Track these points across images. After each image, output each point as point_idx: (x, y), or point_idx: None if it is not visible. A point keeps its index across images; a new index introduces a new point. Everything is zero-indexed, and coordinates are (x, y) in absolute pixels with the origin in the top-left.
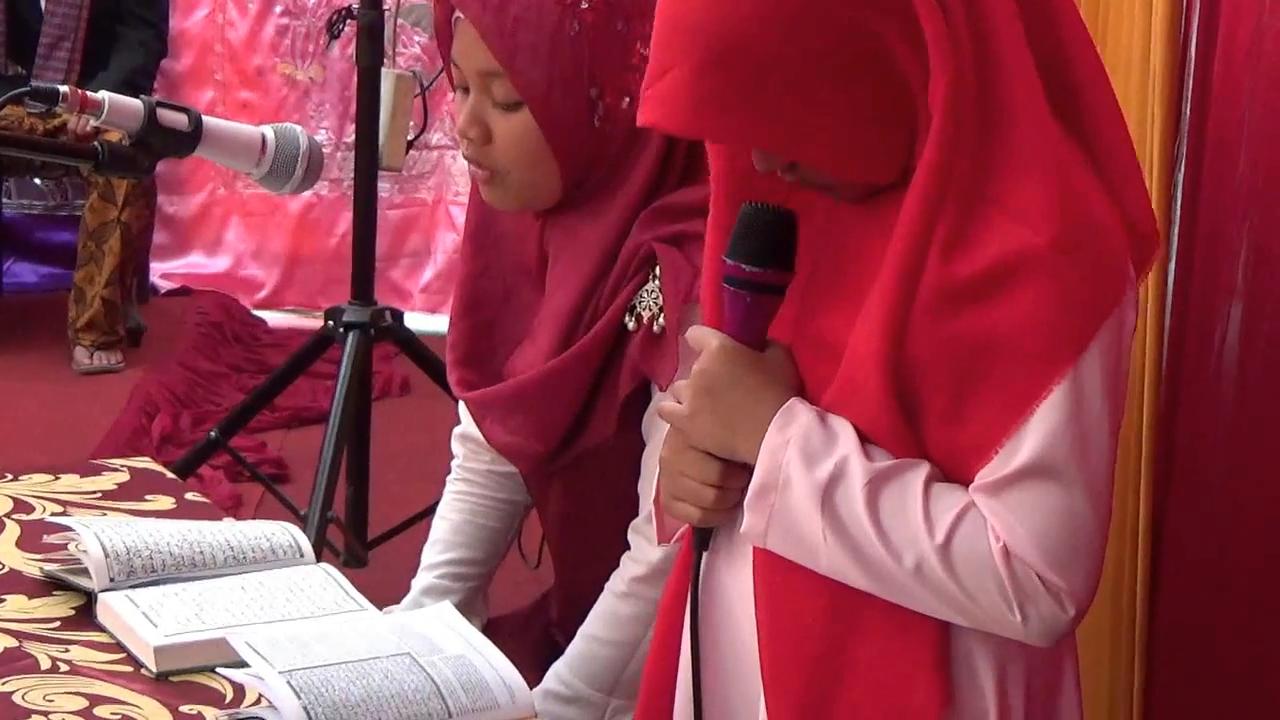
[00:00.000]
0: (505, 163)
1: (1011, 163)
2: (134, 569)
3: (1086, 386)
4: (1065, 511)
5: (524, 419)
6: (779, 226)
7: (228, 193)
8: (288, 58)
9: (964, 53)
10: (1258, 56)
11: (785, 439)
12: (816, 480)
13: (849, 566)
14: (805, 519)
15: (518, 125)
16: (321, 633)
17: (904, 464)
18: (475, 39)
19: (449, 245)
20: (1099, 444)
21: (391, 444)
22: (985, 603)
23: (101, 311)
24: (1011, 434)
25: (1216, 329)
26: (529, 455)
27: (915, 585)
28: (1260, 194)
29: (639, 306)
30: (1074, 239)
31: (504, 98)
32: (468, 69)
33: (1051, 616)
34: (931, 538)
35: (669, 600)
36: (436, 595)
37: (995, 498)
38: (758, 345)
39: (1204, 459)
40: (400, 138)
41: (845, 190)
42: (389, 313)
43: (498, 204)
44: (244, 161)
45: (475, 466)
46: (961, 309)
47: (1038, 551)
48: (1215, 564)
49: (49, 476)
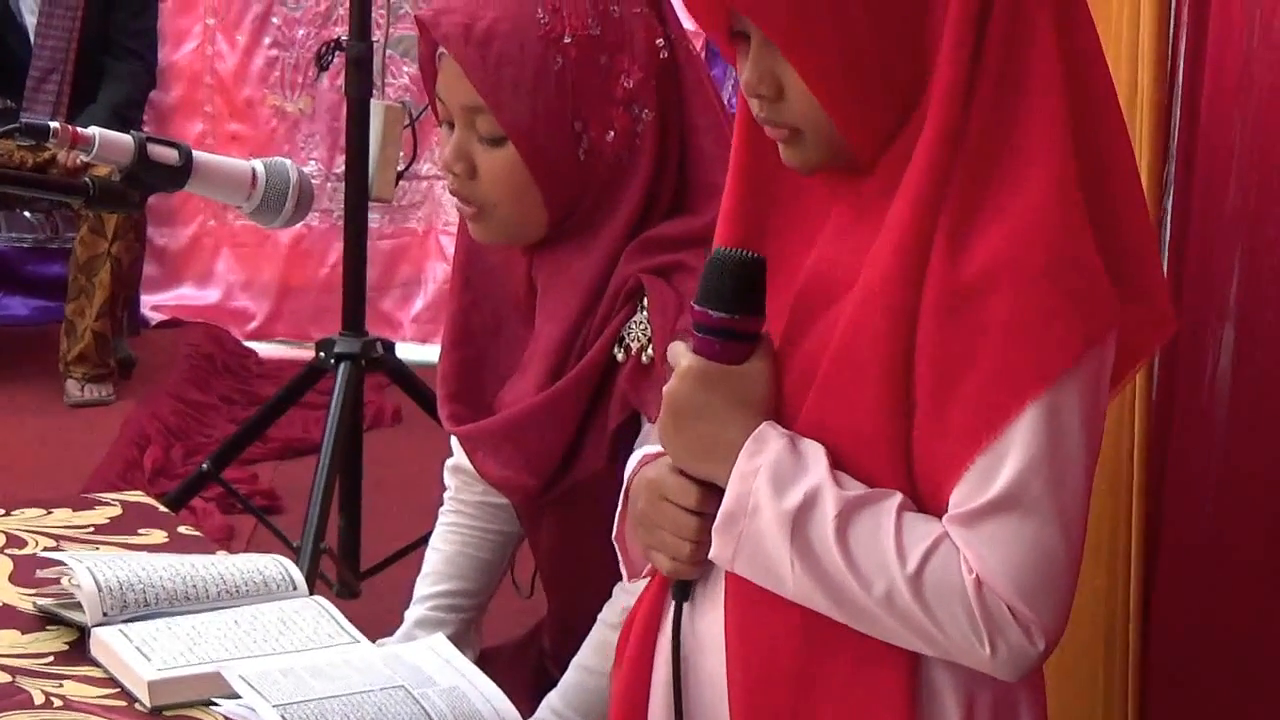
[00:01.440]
0: (491, 197)
1: (1020, 168)
2: (127, 603)
3: (1064, 415)
4: (1039, 545)
5: (515, 452)
6: (748, 272)
7: (218, 224)
8: (277, 90)
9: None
10: (1248, 82)
11: (755, 466)
12: (785, 509)
13: (816, 594)
14: (773, 547)
15: (502, 160)
16: (315, 665)
17: (876, 493)
18: (459, 74)
19: (440, 275)
20: (1075, 477)
21: (384, 475)
22: (954, 633)
23: (92, 344)
24: (981, 451)
25: (1209, 354)
26: (521, 488)
27: (884, 614)
28: (1251, 219)
29: (627, 338)
30: (1065, 264)
31: (488, 133)
32: (452, 104)
33: (1020, 649)
34: (903, 567)
35: (635, 644)
36: (430, 627)
37: (969, 528)
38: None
39: (1197, 482)
40: (390, 168)
41: (811, 145)
42: (380, 343)
43: (484, 238)
44: (234, 196)
45: (468, 498)
46: (958, 311)
47: (1010, 584)
48: (1208, 589)
49: (41, 510)
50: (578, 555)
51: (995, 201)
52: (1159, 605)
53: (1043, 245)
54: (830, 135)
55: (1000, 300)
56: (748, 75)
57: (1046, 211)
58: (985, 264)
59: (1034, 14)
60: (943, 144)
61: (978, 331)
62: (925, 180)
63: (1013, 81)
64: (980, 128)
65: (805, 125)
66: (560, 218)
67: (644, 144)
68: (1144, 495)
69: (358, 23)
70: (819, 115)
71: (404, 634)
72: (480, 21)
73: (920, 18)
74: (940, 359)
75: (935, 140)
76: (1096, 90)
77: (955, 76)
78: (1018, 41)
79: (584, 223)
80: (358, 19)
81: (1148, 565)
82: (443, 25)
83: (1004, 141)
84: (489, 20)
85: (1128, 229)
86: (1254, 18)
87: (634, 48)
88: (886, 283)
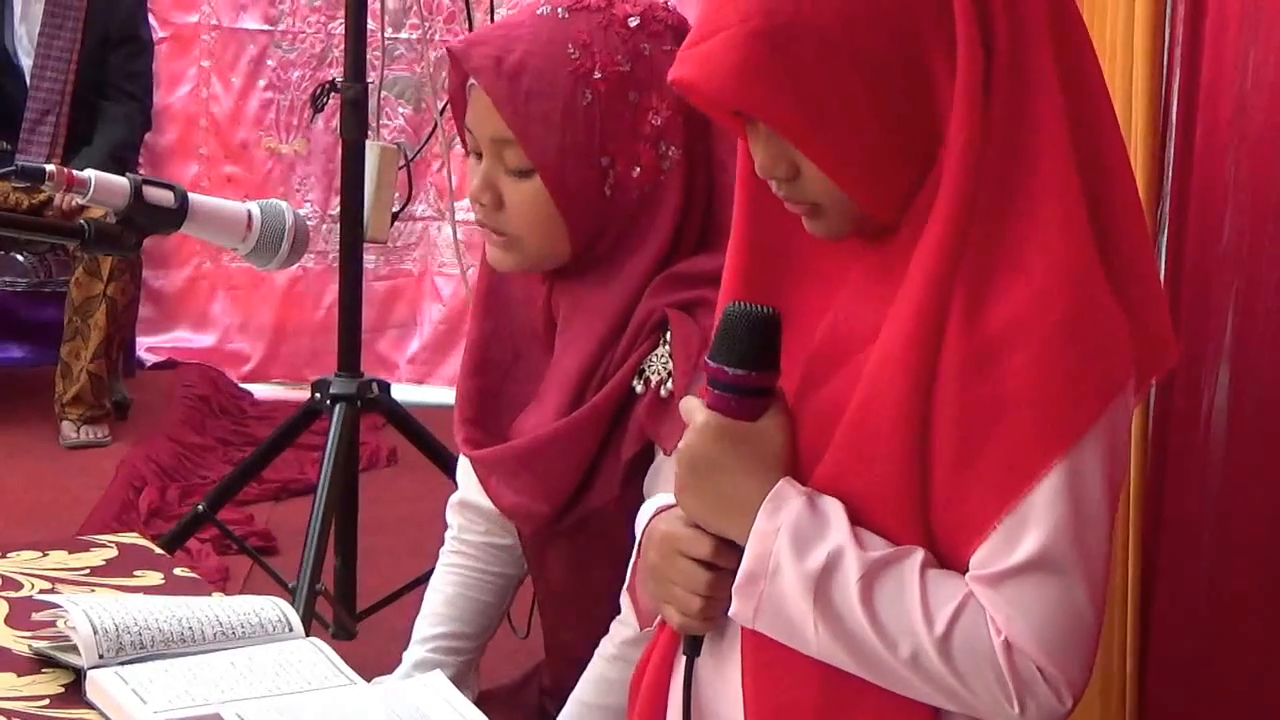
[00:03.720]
0: (517, 228)
1: (1033, 224)
2: (123, 645)
3: (1087, 472)
4: (1066, 604)
5: (531, 479)
6: (765, 328)
7: (213, 266)
8: (272, 132)
9: (997, 109)
10: (1241, 122)
11: (775, 526)
12: (808, 570)
13: (840, 654)
14: (795, 608)
15: (529, 192)
16: (312, 706)
17: (898, 552)
18: (489, 106)
19: (435, 316)
20: (1098, 532)
21: (380, 515)
22: (983, 694)
23: (88, 386)
24: (1008, 511)
25: (1204, 392)
26: (534, 516)
27: (910, 674)
28: (1245, 258)
29: (648, 370)
30: (1083, 318)
31: (516, 165)
32: (480, 135)
33: (1049, 707)
34: (930, 630)
35: (646, 697)
36: (428, 669)
37: (995, 589)
38: (749, 419)
39: (1192, 521)
40: (385, 210)
41: (832, 218)
42: (376, 384)
43: (504, 267)
44: (230, 238)
45: (470, 538)
46: (978, 371)
47: (1039, 645)
48: (1205, 636)
49: (37, 553)
50: (582, 587)
51: (1011, 258)
52: (1157, 655)
53: (1060, 300)
54: (851, 207)
55: (1020, 360)
56: (761, 159)
57: (1061, 265)
58: (1004, 323)
59: (1037, 60)
60: (961, 203)
61: (999, 392)
62: (944, 240)
63: (1021, 132)
64: (993, 185)
65: (825, 201)
66: (583, 249)
67: (671, 180)
68: (1140, 535)
69: (353, 64)
70: (837, 192)
71: (403, 675)
72: (511, 55)
73: (925, 89)
74: (962, 419)
75: (953, 201)
76: (1102, 129)
77: (970, 138)
78: (1023, 92)
79: (607, 255)
80: (353, 60)
81: (1143, 608)
82: (474, 57)
83: (1016, 197)
84: (520, 53)
85: (1130, 259)
86: (1247, 58)
87: (663, 85)
88: (906, 342)
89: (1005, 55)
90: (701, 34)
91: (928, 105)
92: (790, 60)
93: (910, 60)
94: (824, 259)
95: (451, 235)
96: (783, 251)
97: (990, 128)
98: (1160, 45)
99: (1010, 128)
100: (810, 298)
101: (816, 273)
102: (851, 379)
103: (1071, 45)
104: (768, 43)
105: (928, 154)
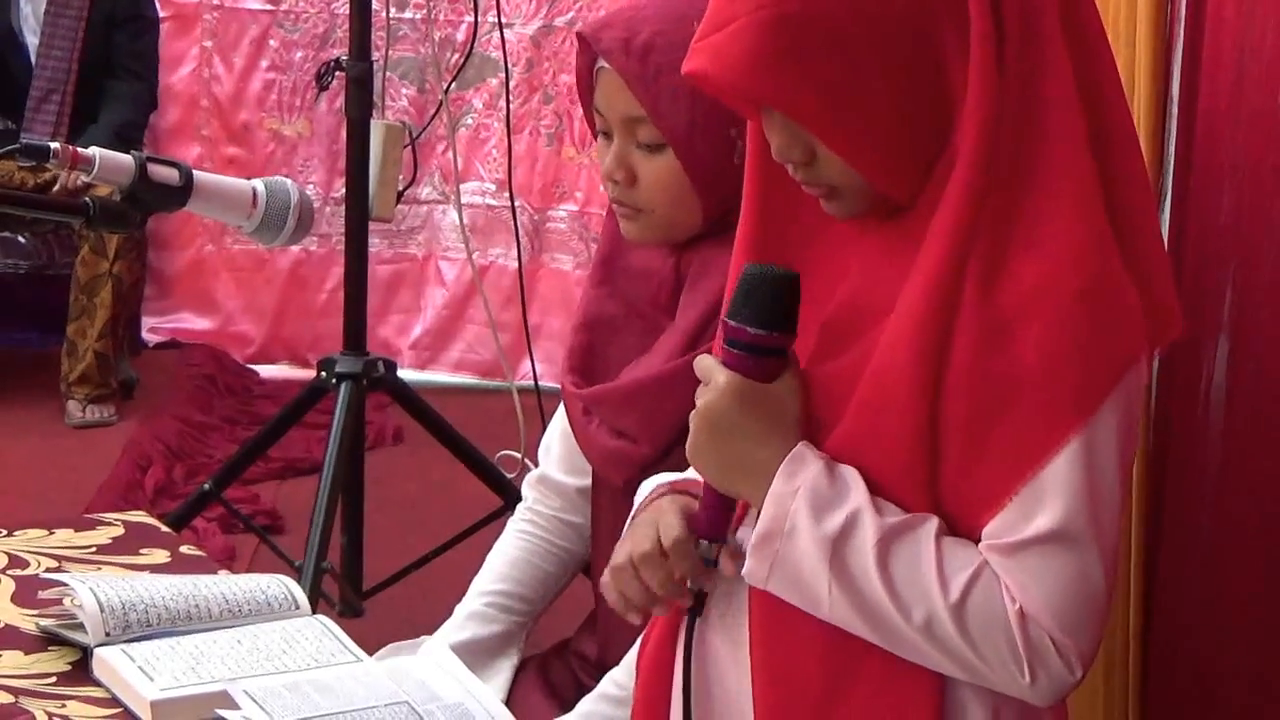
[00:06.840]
0: (650, 202)
1: (1047, 198)
2: (129, 623)
3: (1102, 445)
4: (1080, 577)
5: (636, 417)
6: (782, 289)
7: (216, 249)
8: (274, 113)
9: (1010, 86)
10: (1240, 100)
11: (793, 488)
12: (825, 533)
13: (853, 618)
14: (809, 570)
15: (662, 166)
16: (319, 682)
17: (913, 519)
18: (619, 86)
19: (439, 301)
20: (1111, 505)
21: (386, 494)
22: (995, 662)
23: (94, 365)
24: (1024, 484)
25: (1204, 367)
26: (631, 460)
27: (922, 641)
28: (1245, 234)
29: None
30: (1098, 291)
31: (648, 140)
32: (611, 115)
33: (1059, 678)
34: (945, 596)
35: (651, 659)
36: (480, 621)
37: (1011, 559)
38: (766, 380)
39: (1194, 495)
40: (390, 188)
41: (849, 199)
42: (381, 363)
43: (637, 239)
44: (235, 215)
45: (543, 510)
46: (992, 344)
47: (1053, 616)
48: (1206, 609)
49: (43, 531)
50: None
51: (1025, 233)
52: (1159, 627)
53: (1074, 274)
54: (867, 189)
55: (1034, 332)
56: (777, 144)
57: (1075, 240)
58: (1019, 297)
59: (1048, 38)
60: (975, 180)
61: (1014, 365)
62: (959, 215)
63: (1033, 108)
64: (1007, 161)
65: (841, 183)
66: (713, 219)
67: None
68: (1143, 508)
69: (358, 43)
70: (853, 174)
71: (454, 625)
72: (639, 35)
73: (938, 69)
74: (977, 392)
75: (968, 178)
76: (1111, 104)
77: (984, 117)
78: (1035, 70)
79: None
80: (358, 39)
81: (1147, 580)
82: (603, 40)
83: (1030, 172)
84: (647, 33)
85: (1138, 231)
86: (1245, 42)
87: None
88: (921, 316)
89: (1016, 33)
90: (713, 25)
91: (940, 85)
92: (802, 48)
93: (922, 41)
94: (835, 229)
95: (457, 219)
96: (794, 219)
97: (1003, 105)
98: (1163, 20)
99: (1023, 105)
100: (821, 267)
101: (827, 242)
102: (866, 351)
103: (1080, 22)
104: (778, 32)
105: (941, 133)
